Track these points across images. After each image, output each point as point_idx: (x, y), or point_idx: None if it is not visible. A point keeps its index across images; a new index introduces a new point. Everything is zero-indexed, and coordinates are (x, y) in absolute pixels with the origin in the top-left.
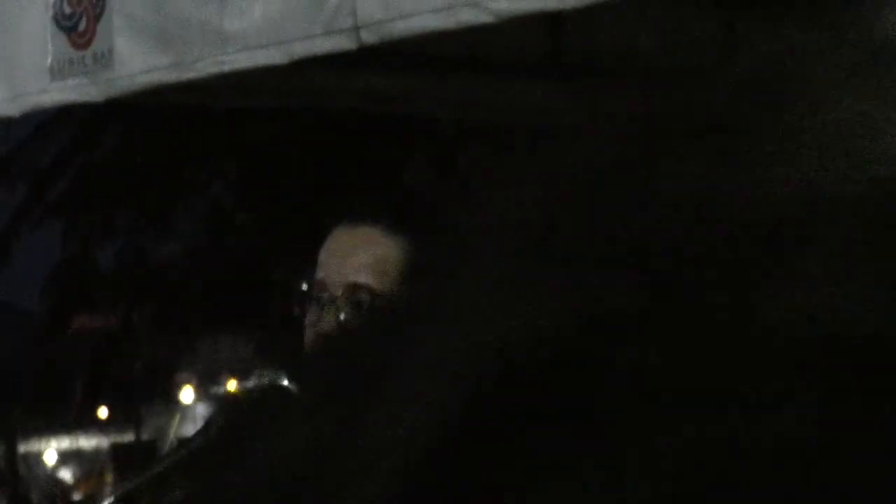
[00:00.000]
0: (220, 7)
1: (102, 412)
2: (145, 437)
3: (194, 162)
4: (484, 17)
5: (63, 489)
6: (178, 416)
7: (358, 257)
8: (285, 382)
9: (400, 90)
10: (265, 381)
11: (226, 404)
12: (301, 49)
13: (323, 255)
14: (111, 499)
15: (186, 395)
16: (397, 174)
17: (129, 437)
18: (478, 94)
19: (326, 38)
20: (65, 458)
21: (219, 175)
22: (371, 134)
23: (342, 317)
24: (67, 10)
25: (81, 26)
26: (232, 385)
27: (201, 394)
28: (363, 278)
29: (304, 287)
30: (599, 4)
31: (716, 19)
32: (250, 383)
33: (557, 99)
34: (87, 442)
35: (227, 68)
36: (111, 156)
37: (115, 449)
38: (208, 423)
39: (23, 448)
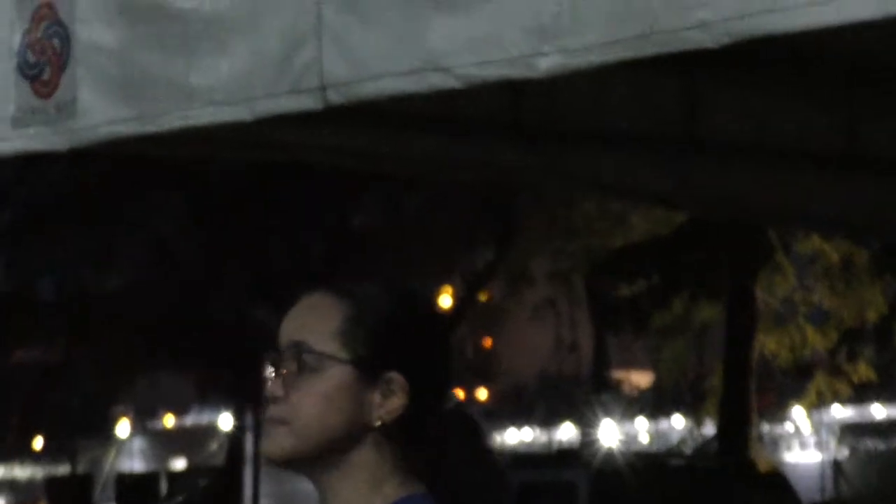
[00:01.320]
0: (187, 62)
1: (38, 443)
2: (80, 469)
3: (141, 197)
4: (452, 82)
5: None
6: (114, 450)
7: (302, 318)
8: None
9: (365, 147)
10: None
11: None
12: (266, 107)
13: (282, 322)
14: None
15: (123, 428)
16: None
17: (64, 470)
18: (441, 152)
19: (292, 96)
20: None
21: (164, 211)
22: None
23: (285, 374)
24: (32, 58)
25: (45, 75)
26: (169, 421)
27: (138, 428)
28: (302, 335)
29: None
30: (564, 74)
31: (676, 84)
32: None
33: (519, 160)
34: (21, 472)
35: (191, 123)
36: (57, 188)
37: (50, 481)
38: None
39: None
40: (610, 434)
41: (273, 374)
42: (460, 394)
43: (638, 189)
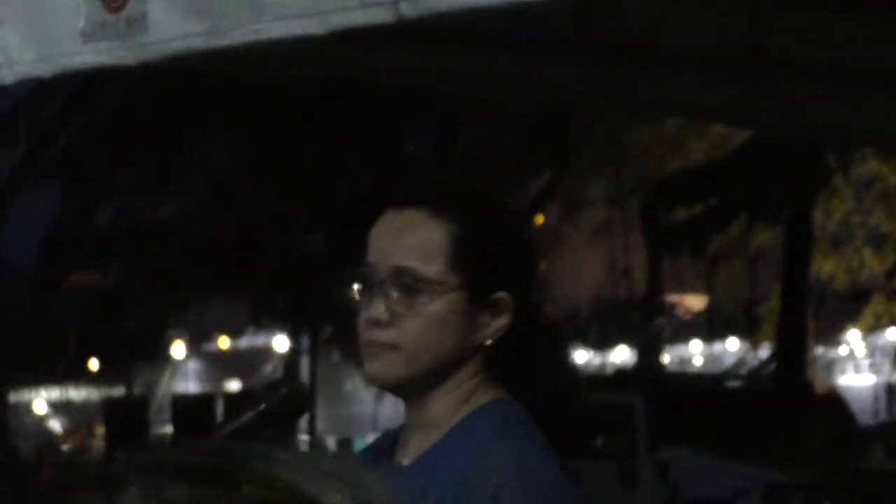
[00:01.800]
0: None
1: (94, 366)
2: (136, 391)
3: (194, 127)
4: None
5: (51, 440)
6: (168, 372)
7: (404, 240)
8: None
9: (432, 64)
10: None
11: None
12: (338, 20)
13: (371, 239)
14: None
15: (178, 350)
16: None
17: (119, 392)
18: (507, 71)
19: (365, 10)
20: (55, 409)
21: (219, 141)
22: (375, 108)
23: (390, 299)
24: None
25: None
26: (223, 343)
27: (193, 350)
28: (408, 261)
29: (354, 269)
30: None
31: (746, 4)
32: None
33: (586, 80)
34: (77, 395)
35: (262, 37)
36: (111, 117)
37: (106, 403)
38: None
39: (13, 399)
40: (665, 357)
41: (365, 294)
42: None
43: (700, 106)
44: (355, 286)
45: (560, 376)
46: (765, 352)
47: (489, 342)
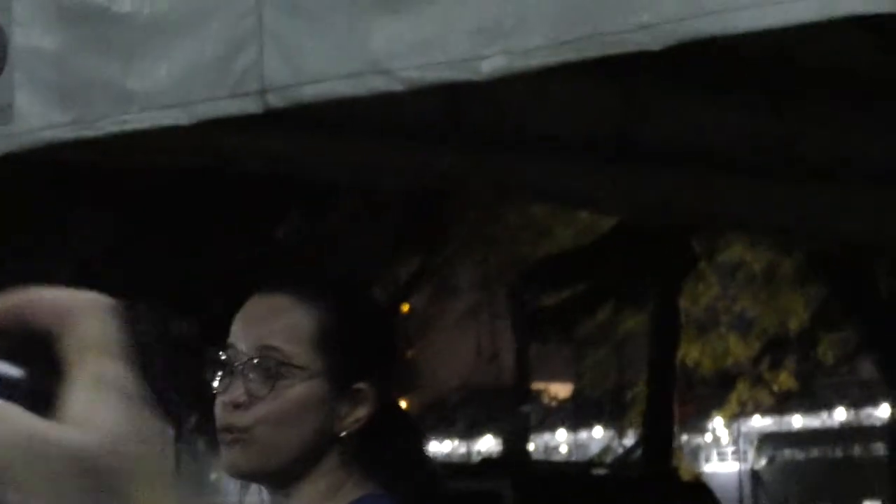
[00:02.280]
0: (125, 66)
1: None
2: None
3: (61, 211)
4: (394, 85)
5: None
6: None
7: (270, 323)
8: None
9: (304, 152)
10: None
11: None
12: (206, 110)
13: (236, 322)
14: None
15: None
16: (268, 233)
17: None
18: (378, 157)
19: (232, 100)
20: None
21: (86, 224)
22: (246, 194)
23: (249, 381)
24: None
25: None
26: None
27: None
28: (274, 341)
29: (215, 355)
30: (507, 76)
31: (614, 89)
32: None
33: (456, 165)
34: None
35: (129, 128)
36: None
37: None
38: None
39: None
40: (531, 445)
41: (226, 379)
42: None
43: (570, 192)
44: (217, 372)
45: (420, 467)
46: (630, 439)
47: (344, 434)
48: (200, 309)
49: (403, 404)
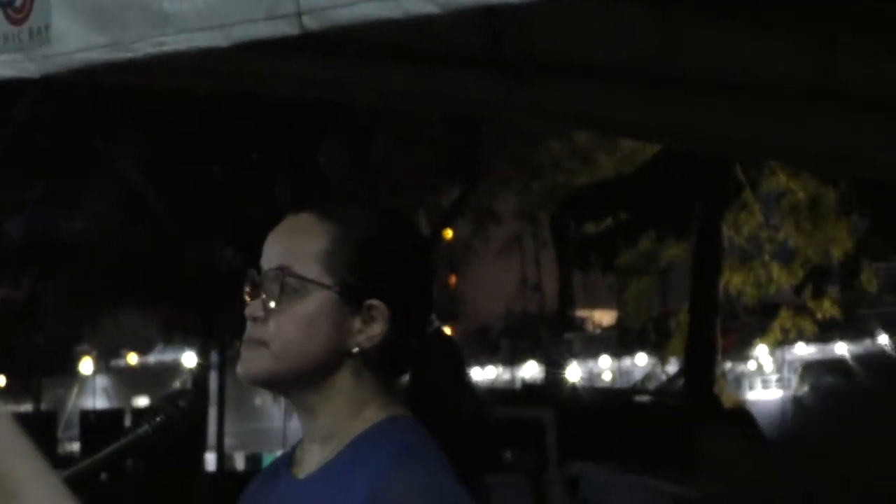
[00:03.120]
0: None
1: (1, 381)
2: (44, 406)
3: (106, 140)
4: (430, 8)
5: None
6: (77, 388)
7: (287, 241)
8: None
9: (340, 77)
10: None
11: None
12: (242, 33)
13: (265, 243)
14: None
15: (86, 366)
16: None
17: (27, 407)
18: (418, 83)
19: (268, 22)
20: None
21: (131, 155)
22: (288, 119)
23: (266, 297)
24: None
25: (18, 2)
26: (132, 359)
27: (101, 366)
28: (285, 260)
29: (251, 275)
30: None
31: (652, 17)
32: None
33: (496, 93)
34: None
35: (166, 50)
36: (20, 130)
37: (14, 418)
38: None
39: None
40: (574, 371)
41: (253, 294)
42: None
43: (612, 120)
44: (246, 289)
45: (459, 394)
46: (673, 367)
47: (357, 350)
48: (246, 238)
49: (447, 330)
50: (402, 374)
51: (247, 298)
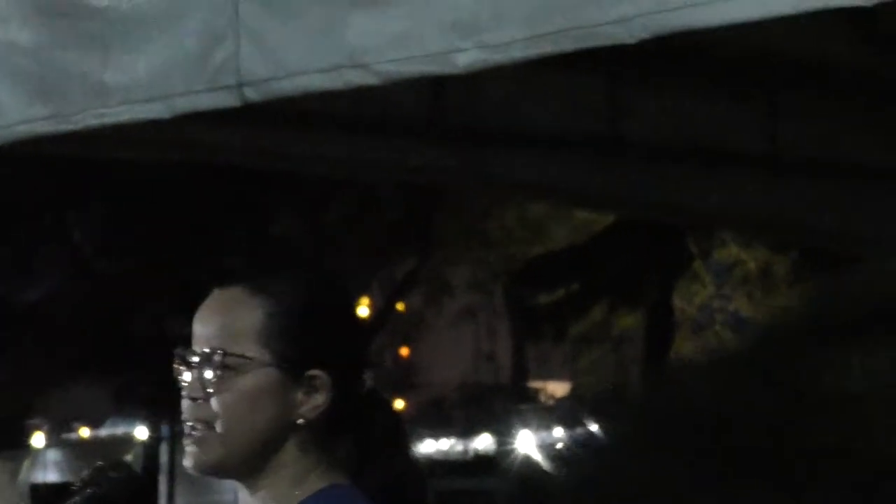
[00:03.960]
0: (103, 60)
1: None
2: None
3: (58, 208)
4: (370, 79)
5: None
6: (28, 461)
7: (218, 319)
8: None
9: (283, 147)
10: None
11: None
12: (184, 104)
13: (194, 319)
14: None
15: (38, 440)
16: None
17: None
18: (363, 152)
19: (209, 94)
20: None
21: (84, 222)
22: (241, 187)
23: (203, 378)
24: None
25: None
26: (84, 432)
27: (53, 440)
28: (218, 342)
29: (178, 352)
30: (483, 70)
31: (599, 85)
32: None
33: (442, 162)
34: None
35: (108, 121)
36: None
37: None
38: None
39: None
40: (527, 443)
41: (189, 375)
42: None
43: (559, 189)
44: (179, 368)
45: (400, 462)
46: None
47: (302, 421)
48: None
49: (400, 402)
50: (343, 440)
51: (181, 378)
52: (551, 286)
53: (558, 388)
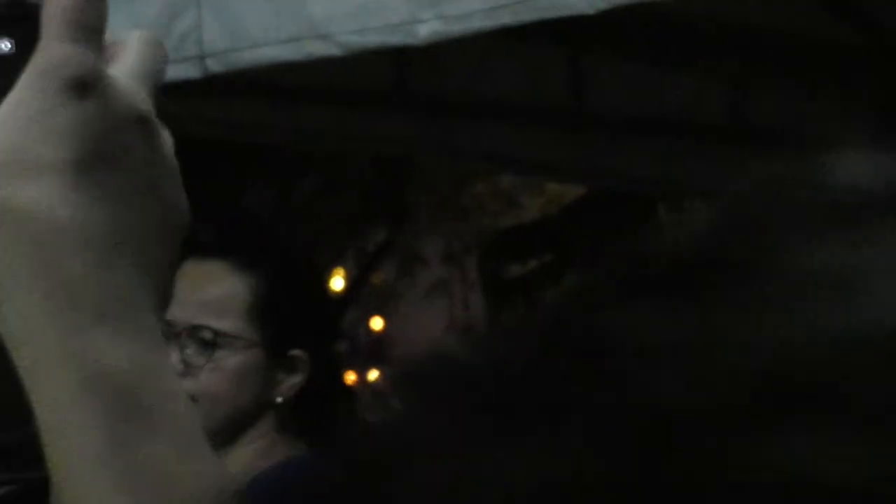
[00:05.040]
0: None
1: None
2: None
3: None
4: (332, 50)
5: None
6: None
7: (202, 294)
8: None
9: (247, 118)
10: None
11: None
12: None
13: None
14: None
15: None
16: (236, 201)
17: None
18: (324, 123)
19: (171, 66)
20: None
21: None
22: (211, 160)
23: (186, 352)
24: None
25: None
26: None
27: None
28: (205, 318)
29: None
30: (446, 42)
31: (563, 57)
32: None
33: (405, 131)
34: None
35: None
36: None
37: None
38: None
39: None
40: None
41: (169, 346)
42: (352, 377)
43: (525, 161)
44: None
45: (353, 429)
46: None
47: (280, 399)
48: None
49: (375, 374)
50: (313, 417)
51: None
52: (524, 257)
53: None
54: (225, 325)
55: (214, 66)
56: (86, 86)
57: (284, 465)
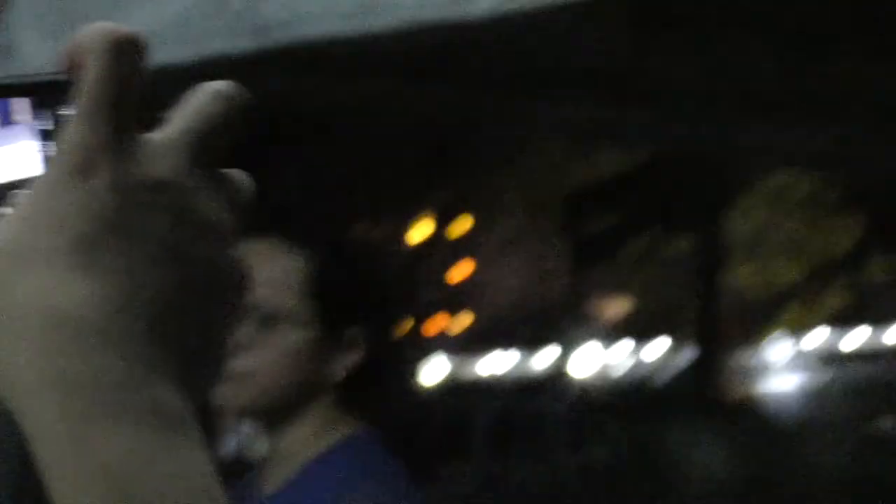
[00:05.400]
0: (125, 5)
1: None
2: None
3: None
4: (391, 24)
5: None
6: None
7: (258, 273)
8: None
9: (314, 91)
10: None
11: None
12: (204, 49)
13: None
14: None
15: None
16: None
17: None
18: (391, 96)
19: (230, 39)
20: None
21: None
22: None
23: (245, 329)
24: None
25: None
26: None
27: None
28: (262, 294)
29: None
30: (499, 16)
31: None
32: None
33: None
34: None
35: None
36: None
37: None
38: None
39: None
40: (586, 361)
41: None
42: (442, 323)
43: (592, 126)
44: None
45: (409, 405)
46: (681, 360)
47: (337, 377)
48: None
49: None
50: (370, 395)
51: None
52: (602, 211)
53: (617, 307)
54: (281, 302)
55: (273, 38)
56: (92, 166)
57: (343, 447)
